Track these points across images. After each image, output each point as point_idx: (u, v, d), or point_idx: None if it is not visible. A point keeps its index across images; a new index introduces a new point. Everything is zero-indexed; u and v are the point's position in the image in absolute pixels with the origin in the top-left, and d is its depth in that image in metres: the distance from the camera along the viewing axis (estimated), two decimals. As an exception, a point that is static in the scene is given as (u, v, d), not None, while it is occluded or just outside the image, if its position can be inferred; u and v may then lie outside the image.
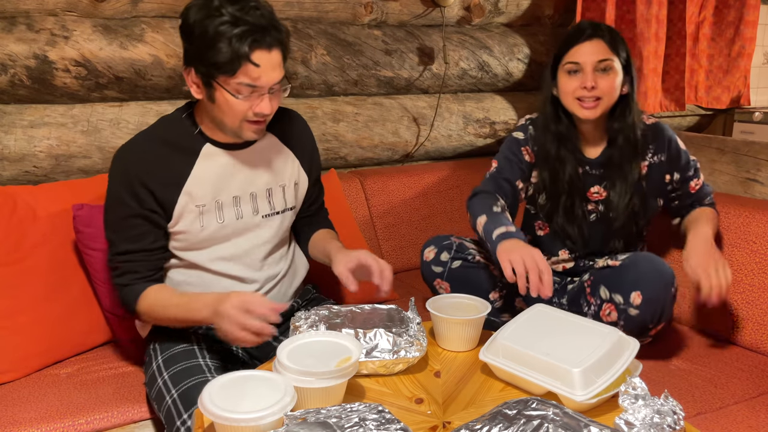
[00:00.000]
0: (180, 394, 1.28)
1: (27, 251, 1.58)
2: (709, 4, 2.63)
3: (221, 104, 1.29)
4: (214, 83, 1.27)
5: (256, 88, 1.27)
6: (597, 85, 1.54)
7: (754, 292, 1.69)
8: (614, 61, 1.55)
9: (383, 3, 2.28)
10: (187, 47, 1.30)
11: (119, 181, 1.36)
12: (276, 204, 1.48)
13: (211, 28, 1.22)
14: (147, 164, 1.35)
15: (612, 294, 1.50)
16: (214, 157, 1.39)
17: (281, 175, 1.49)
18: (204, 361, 1.37)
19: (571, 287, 1.71)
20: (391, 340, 1.23)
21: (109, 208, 1.39)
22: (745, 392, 1.47)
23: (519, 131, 1.73)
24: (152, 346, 1.45)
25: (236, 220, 1.43)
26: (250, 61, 1.23)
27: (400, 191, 2.28)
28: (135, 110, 1.97)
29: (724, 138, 2.25)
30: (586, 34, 1.55)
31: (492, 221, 1.53)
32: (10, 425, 1.35)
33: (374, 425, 0.90)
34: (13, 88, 1.81)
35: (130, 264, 1.38)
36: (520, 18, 2.55)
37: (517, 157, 1.70)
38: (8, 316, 1.53)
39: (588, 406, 1.09)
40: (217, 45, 1.22)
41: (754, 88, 2.90)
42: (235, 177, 1.41)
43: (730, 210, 1.79)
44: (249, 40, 1.22)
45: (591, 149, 1.68)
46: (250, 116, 1.31)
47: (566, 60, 1.57)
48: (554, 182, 1.67)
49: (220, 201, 1.40)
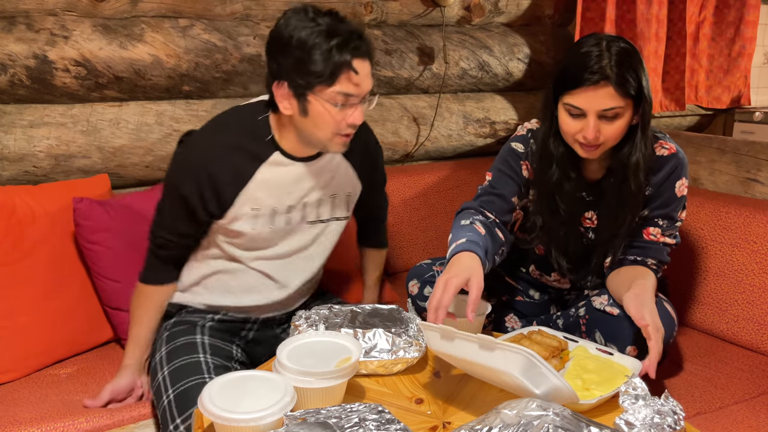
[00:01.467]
0: (176, 396, 1.29)
1: (26, 251, 1.58)
2: (710, 4, 2.63)
3: (315, 116, 1.30)
4: (310, 95, 1.28)
5: (351, 97, 1.28)
6: (601, 133, 1.34)
7: (754, 292, 1.69)
8: (623, 107, 1.32)
9: (383, 3, 2.27)
10: (281, 61, 1.29)
11: (183, 168, 1.40)
12: (322, 213, 1.50)
13: (310, 39, 1.24)
14: (213, 158, 1.37)
15: (607, 343, 1.41)
16: (279, 166, 1.40)
17: (335, 186, 1.50)
18: (204, 358, 1.38)
19: (566, 319, 1.58)
20: (390, 340, 1.23)
21: (167, 188, 1.43)
22: (745, 392, 1.47)
23: (519, 143, 1.55)
24: (160, 336, 1.48)
25: (284, 226, 1.45)
26: (352, 68, 1.26)
27: (400, 191, 2.28)
28: (135, 110, 1.97)
29: (725, 138, 2.24)
30: (591, 80, 1.30)
31: (452, 237, 1.43)
32: (10, 425, 1.35)
33: (374, 425, 0.90)
34: (13, 87, 1.81)
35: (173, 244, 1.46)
36: (520, 18, 2.55)
37: (515, 171, 1.53)
38: (8, 315, 1.53)
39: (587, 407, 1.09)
40: (316, 54, 1.24)
41: (754, 88, 2.90)
42: (295, 187, 1.43)
43: (730, 210, 1.79)
44: (349, 48, 1.25)
45: (592, 169, 1.51)
46: (343, 128, 1.32)
47: (567, 100, 1.34)
48: (552, 215, 1.51)
49: (275, 208, 1.42)
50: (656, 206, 1.46)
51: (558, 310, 1.70)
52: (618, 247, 1.49)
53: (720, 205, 1.81)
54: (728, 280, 1.75)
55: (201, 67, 2.01)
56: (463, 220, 1.46)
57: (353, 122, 1.32)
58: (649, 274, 1.44)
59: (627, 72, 1.31)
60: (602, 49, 1.31)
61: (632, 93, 1.32)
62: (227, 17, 2.06)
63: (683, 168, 1.46)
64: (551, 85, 1.40)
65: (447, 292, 1.23)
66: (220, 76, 2.05)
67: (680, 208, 1.48)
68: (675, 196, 1.45)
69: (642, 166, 1.40)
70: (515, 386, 1.08)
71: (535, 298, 1.73)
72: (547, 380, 1.03)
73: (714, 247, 1.79)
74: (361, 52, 1.27)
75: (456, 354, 1.11)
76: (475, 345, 1.07)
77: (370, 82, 1.32)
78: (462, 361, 1.12)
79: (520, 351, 1.02)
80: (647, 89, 1.35)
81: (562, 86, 1.36)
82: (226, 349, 1.46)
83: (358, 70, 1.27)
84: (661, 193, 1.45)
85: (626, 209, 1.44)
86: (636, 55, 1.35)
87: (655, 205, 1.46)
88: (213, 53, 2.01)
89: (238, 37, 2.05)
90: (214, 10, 2.03)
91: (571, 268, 1.59)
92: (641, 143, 1.39)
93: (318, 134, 1.33)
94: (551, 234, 1.55)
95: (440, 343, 1.13)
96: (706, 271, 1.80)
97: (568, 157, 1.45)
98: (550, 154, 1.46)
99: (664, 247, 1.48)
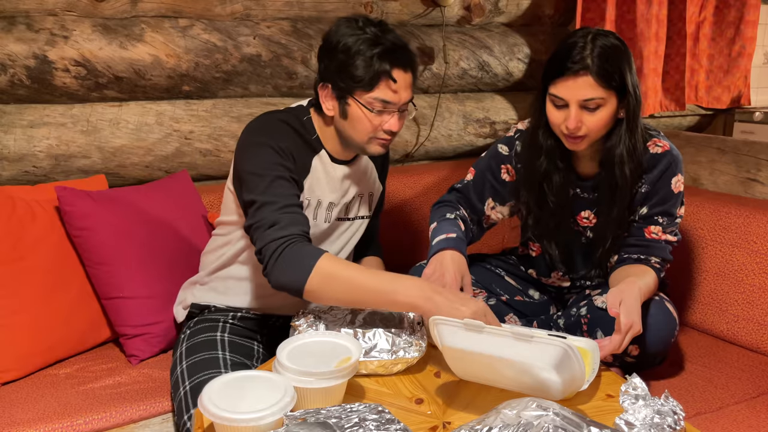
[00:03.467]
0: (192, 387, 1.32)
1: (26, 250, 1.58)
2: (710, 4, 2.62)
3: (353, 119, 1.37)
4: (350, 98, 1.35)
5: (389, 105, 1.35)
6: (583, 123, 1.37)
7: (754, 292, 1.69)
8: (603, 97, 1.35)
9: (383, 3, 2.27)
10: (327, 63, 1.36)
11: (267, 145, 1.35)
12: (350, 211, 1.56)
13: (354, 45, 1.31)
14: (287, 141, 1.39)
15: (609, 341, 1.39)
16: (325, 163, 1.47)
17: (363, 186, 1.57)
18: (223, 354, 1.40)
19: (567, 319, 1.59)
20: (390, 340, 1.23)
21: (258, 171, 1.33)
22: (745, 392, 1.47)
23: (505, 144, 1.61)
24: (183, 334, 1.50)
25: (323, 223, 1.50)
26: (390, 77, 1.32)
27: (400, 191, 2.28)
28: (134, 110, 1.97)
29: (725, 138, 2.24)
30: (572, 70, 1.34)
31: (438, 228, 1.52)
32: (8, 426, 1.35)
33: (374, 425, 0.90)
34: (13, 87, 1.81)
35: (293, 216, 1.30)
36: (520, 18, 2.55)
37: (493, 174, 1.61)
38: (7, 315, 1.53)
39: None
40: (359, 60, 1.31)
41: (754, 88, 2.89)
42: (335, 185, 1.49)
43: (731, 210, 1.79)
44: (390, 58, 1.32)
45: (585, 165, 1.52)
46: (380, 134, 1.38)
47: (552, 91, 1.39)
48: (540, 206, 1.55)
49: (320, 201, 1.48)
50: (654, 204, 1.47)
51: (558, 310, 1.70)
52: (611, 243, 1.50)
53: (720, 205, 1.81)
54: (728, 280, 1.75)
55: (201, 67, 2.01)
56: (447, 213, 1.57)
57: (390, 128, 1.38)
58: (648, 272, 1.45)
59: (608, 64, 1.34)
60: (586, 41, 1.36)
61: (613, 85, 1.35)
62: (227, 17, 2.06)
63: (678, 164, 1.47)
64: (540, 77, 1.45)
65: (449, 284, 1.36)
66: (220, 76, 2.05)
67: (678, 204, 1.49)
68: (672, 193, 1.46)
69: (626, 159, 1.42)
70: (535, 382, 1.08)
71: (535, 297, 1.73)
72: (572, 370, 1.05)
73: (714, 247, 1.79)
74: (402, 63, 1.34)
75: (479, 350, 1.09)
76: (509, 338, 1.07)
77: (410, 93, 1.38)
78: (482, 357, 1.09)
79: (559, 343, 1.03)
80: (632, 83, 1.38)
81: (547, 76, 1.40)
82: (247, 347, 1.48)
83: (397, 80, 1.33)
84: (658, 191, 1.46)
85: (614, 204, 1.47)
86: (622, 51, 1.37)
87: (653, 203, 1.47)
88: (213, 53, 2.01)
89: (238, 37, 2.05)
90: (214, 10, 2.03)
91: (567, 263, 1.60)
92: (626, 136, 1.41)
93: (356, 137, 1.40)
94: (541, 226, 1.57)
95: (460, 338, 1.10)
96: (706, 271, 1.80)
97: (556, 148, 1.48)
98: (539, 145, 1.49)
99: (666, 245, 1.49)
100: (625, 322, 1.25)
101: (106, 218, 1.66)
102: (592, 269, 1.60)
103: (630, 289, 1.32)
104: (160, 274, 1.70)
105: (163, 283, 1.69)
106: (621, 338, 1.24)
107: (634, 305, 1.29)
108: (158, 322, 1.66)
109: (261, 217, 1.29)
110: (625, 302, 1.28)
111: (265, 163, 1.34)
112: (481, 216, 1.64)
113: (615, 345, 1.24)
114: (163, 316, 1.67)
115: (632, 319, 1.26)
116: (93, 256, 1.65)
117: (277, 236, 1.26)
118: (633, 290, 1.32)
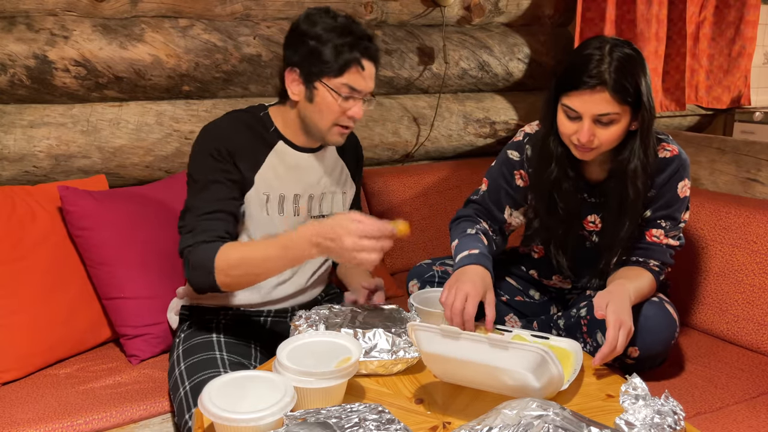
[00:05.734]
0: (192, 387, 1.33)
1: (26, 250, 1.58)
2: (710, 4, 2.63)
3: (319, 104, 1.40)
4: (318, 83, 1.39)
5: (356, 92, 1.40)
6: (595, 136, 1.34)
7: (754, 292, 1.69)
8: (618, 113, 1.32)
9: (383, 3, 2.27)
10: (297, 49, 1.40)
11: (207, 151, 1.42)
12: (324, 208, 1.57)
13: (326, 33, 1.37)
14: (234, 141, 1.43)
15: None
16: (284, 155, 1.49)
17: (335, 183, 1.58)
18: (220, 355, 1.41)
19: (567, 320, 1.59)
20: (390, 340, 1.23)
21: (194, 175, 1.43)
22: (745, 392, 1.47)
23: (515, 150, 1.57)
24: (178, 338, 1.51)
25: (293, 216, 1.51)
26: (360, 64, 1.38)
27: (400, 191, 2.28)
28: (135, 110, 1.97)
29: (725, 138, 2.24)
30: (588, 84, 1.30)
31: (461, 245, 1.49)
32: (8, 426, 1.35)
33: (374, 425, 0.90)
34: (13, 87, 1.81)
35: (209, 223, 1.38)
36: (520, 18, 2.55)
37: (507, 181, 1.57)
38: (8, 315, 1.53)
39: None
40: (330, 46, 1.36)
41: (754, 88, 2.90)
42: (299, 176, 1.51)
43: (731, 210, 1.79)
44: (360, 47, 1.38)
45: (593, 171, 1.50)
46: (343, 119, 1.42)
47: (565, 101, 1.35)
48: (550, 214, 1.52)
49: (283, 195, 1.49)
50: (658, 207, 1.46)
51: (559, 310, 1.70)
52: (618, 251, 1.49)
53: (720, 205, 1.80)
54: (728, 280, 1.75)
55: (201, 67, 2.01)
56: (468, 229, 1.53)
57: (353, 115, 1.42)
58: (644, 275, 1.44)
59: (625, 78, 1.30)
60: (604, 53, 1.31)
61: (629, 100, 1.31)
62: (227, 17, 2.06)
63: (685, 169, 1.46)
64: (553, 85, 1.40)
65: (471, 302, 1.30)
66: (220, 76, 2.05)
67: (683, 209, 1.48)
68: (677, 197, 1.45)
69: (640, 173, 1.39)
70: (515, 385, 1.08)
71: (535, 298, 1.73)
72: (549, 373, 1.07)
73: (714, 247, 1.79)
74: (369, 53, 1.40)
75: (456, 355, 1.10)
76: (485, 344, 1.07)
77: (373, 83, 1.43)
78: (460, 362, 1.10)
79: (535, 349, 1.04)
80: (648, 96, 1.34)
81: (561, 86, 1.36)
82: (243, 347, 1.48)
83: (365, 68, 1.39)
84: (663, 194, 1.45)
85: (625, 215, 1.45)
86: (638, 62, 1.34)
87: (658, 206, 1.46)
88: (213, 53, 2.01)
89: (238, 37, 2.05)
90: (214, 10, 2.03)
91: (572, 268, 1.59)
92: (640, 150, 1.38)
93: (319, 122, 1.43)
94: (550, 233, 1.56)
95: (437, 344, 1.11)
96: (706, 271, 1.80)
97: (567, 157, 1.45)
98: (550, 152, 1.46)
99: (667, 249, 1.48)
100: (614, 319, 1.25)
101: (107, 218, 1.67)
102: (594, 277, 1.59)
103: (618, 291, 1.33)
104: (161, 274, 1.70)
105: (164, 283, 1.69)
106: (614, 335, 1.25)
107: (621, 304, 1.29)
108: (159, 323, 1.66)
109: (184, 222, 1.41)
110: (613, 302, 1.29)
111: (199, 168, 1.42)
112: (502, 224, 1.61)
113: (611, 343, 1.25)
114: (164, 317, 1.67)
115: (621, 317, 1.26)
116: (94, 256, 1.65)
117: (189, 243, 1.36)
118: (621, 291, 1.33)
